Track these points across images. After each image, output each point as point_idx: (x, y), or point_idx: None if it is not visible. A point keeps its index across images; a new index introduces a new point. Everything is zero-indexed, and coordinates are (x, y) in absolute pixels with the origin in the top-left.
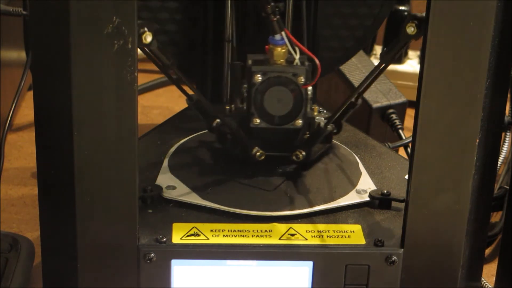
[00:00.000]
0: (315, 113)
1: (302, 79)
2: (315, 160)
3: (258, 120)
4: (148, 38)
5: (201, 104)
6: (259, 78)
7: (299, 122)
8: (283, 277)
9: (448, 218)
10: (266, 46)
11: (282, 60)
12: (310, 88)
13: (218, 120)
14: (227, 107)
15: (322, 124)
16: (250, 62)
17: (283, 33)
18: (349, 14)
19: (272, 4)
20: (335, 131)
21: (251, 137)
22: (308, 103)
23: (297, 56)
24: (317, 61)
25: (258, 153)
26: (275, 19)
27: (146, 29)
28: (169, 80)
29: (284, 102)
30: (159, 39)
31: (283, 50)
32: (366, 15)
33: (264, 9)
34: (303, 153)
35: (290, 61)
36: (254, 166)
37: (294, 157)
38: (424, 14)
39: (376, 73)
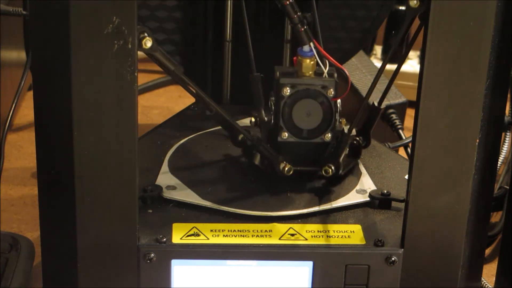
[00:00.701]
0: (343, 125)
1: (332, 92)
2: (344, 175)
3: (286, 134)
4: (148, 43)
5: (222, 116)
6: (287, 91)
7: (329, 136)
8: (283, 277)
9: (448, 218)
10: (294, 58)
11: (310, 72)
12: (339, 101)
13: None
14: (252, 119)
15: (345, 130)
16: (278, 74)
17: (311, 44)
18: (347, 16)
19: (299, 13)
20: (363, 144)
21: (279, 151)
22: (337, 117)
23: (326, 69)
24: (347, 73)
25: (286, 168)
26: (302, 29)
27: (146, 34)
28: (192, 95)
29: (314, 116)
30: (158, 37)
31: (312, 62)
32: (364, 17)
33: (291, 19)
34: (333, 168)
35: (319, 73)
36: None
37: (323, 172)
38: None
39: (387, 60)
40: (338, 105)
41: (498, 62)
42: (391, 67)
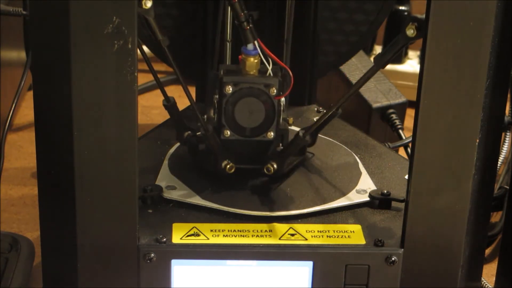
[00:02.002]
0: (291, 124)
1: (274, 91)
2: (288, 172)
3: (228, 132)
4: (148, 3)
5: (176, 111)
6: (230, 89)
7: (271, 134)
8: (283, 277)
9: (448, 218)
10: (239, 56)
11: (254, 71)
12: (282, 99)
13: (189, 132)
14: (205, 117)
15: (300, 134)
16: (221, 72)
17: (256, 42)
18: (345, 19)
19: (246, 12)
20: (308, 143)
21: (223, 149)
22: (280, 115)
23: (269, 67)
24: (290, 72)
25: (228, 166)
26: (248, 27)
27: None
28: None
29: (256, 114)
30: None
31: (256, 61)
32: (362, 21)
33: (238, 16)
34: (275, 166)
35: (263, 71)
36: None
37: (265, 170)
38: (424, 16)
39: (366, 77)
40: (282, 103)
41: (498, 62)
42: (390, 67)
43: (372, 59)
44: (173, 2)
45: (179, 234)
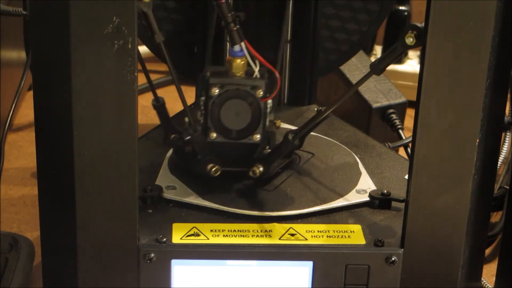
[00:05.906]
0: (278, 126)
1: (260, 92)
2: (274, 175)
3: (214, 134)
4: None
5: (164, 112)
6: (216, 90)
7: (257, 137)
8: (283, 277)
9: (448, 218)
10: (227, 58)
11: (241, 72)
12: (269, 101)
13: (176, 134)
14: (187, 119)
15: (290, 137)
16: (208, 74)
17: (242, 44)
18: (337, 27)
19: (233, 13)
20: (296, 145)
21: (209, 151)
22: (267, 117)
23: (256, 69)
24: (277, 74)
25: (213, 169)
26: (234, 28)
27: None
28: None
29: (242, 116)
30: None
31: (242, 62)
32: (354, 31)
33: (225, 17)
34: (261, 169)
35: (250, 73)
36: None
37: (251, 173)
38: (423, 24)
39: (361, 81)
40: (269, 105)
41: (498, 62)
42: (390, 66)
43: (372, 59)
44: (172, 2)
45: (179, 234)
